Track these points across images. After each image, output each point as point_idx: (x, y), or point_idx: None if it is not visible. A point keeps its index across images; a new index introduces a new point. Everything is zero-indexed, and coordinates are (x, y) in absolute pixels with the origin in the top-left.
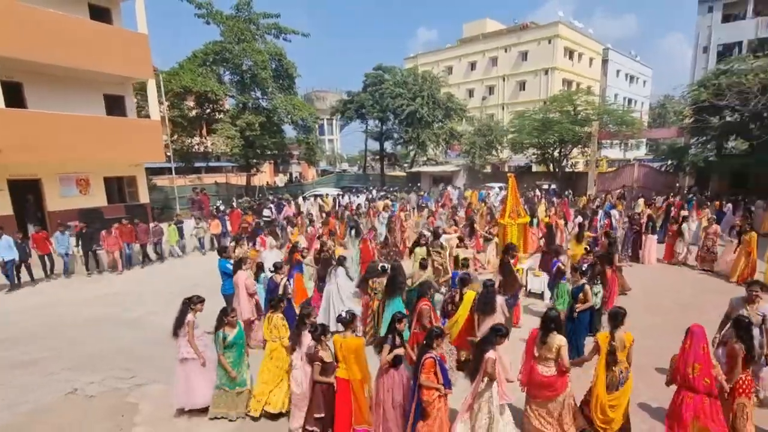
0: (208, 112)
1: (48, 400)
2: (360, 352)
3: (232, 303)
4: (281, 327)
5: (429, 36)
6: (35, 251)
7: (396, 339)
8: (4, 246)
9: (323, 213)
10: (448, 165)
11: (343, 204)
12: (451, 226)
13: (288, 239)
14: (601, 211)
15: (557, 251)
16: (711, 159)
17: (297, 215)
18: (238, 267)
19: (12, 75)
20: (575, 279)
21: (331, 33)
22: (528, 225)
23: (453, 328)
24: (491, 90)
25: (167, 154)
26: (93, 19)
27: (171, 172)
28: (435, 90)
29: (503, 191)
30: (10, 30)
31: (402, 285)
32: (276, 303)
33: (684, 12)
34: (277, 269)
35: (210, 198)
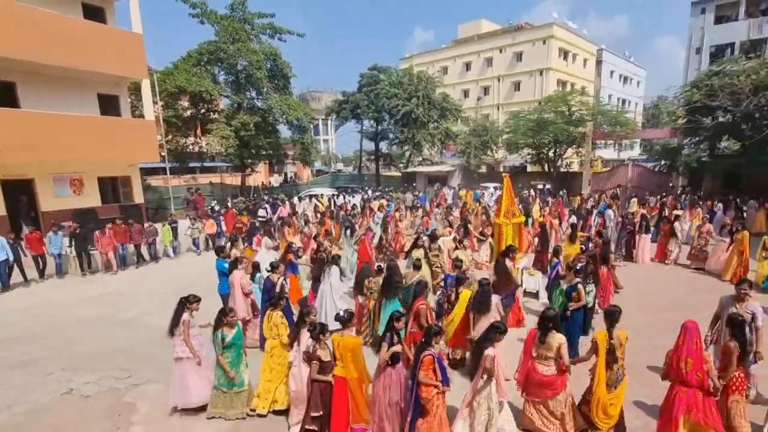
0: (202, 112)
1: (44, 400)
2: (357, 350)
3: (228, 302)
4: (281, 325)
5: (424, 36)
6: (29, 252)
7: (394, 337)
8: None
9: (318, 213)
10: (443, 165)
11: (339, 204)
12: (446, 227)
13: (284, 239)
14: (595, 211)
15: (557, 251)
16: (704, 159)
17: (292, 215)
18: (233, 267)
19: (5, 74)
20: (569, 278)
21: (327, 33)
22: (523, 225)
23: (449, 326)
24: (486, 90)
25: (162, 154)
26: (87, 19)
27: (165, 172)
28: (430, 90)
29: (498, 191)
30: (2, 29)
31: (398, 285)
32: (276, 301)
33: (677, 13)
34: (274, 269)
35: (205, 198)
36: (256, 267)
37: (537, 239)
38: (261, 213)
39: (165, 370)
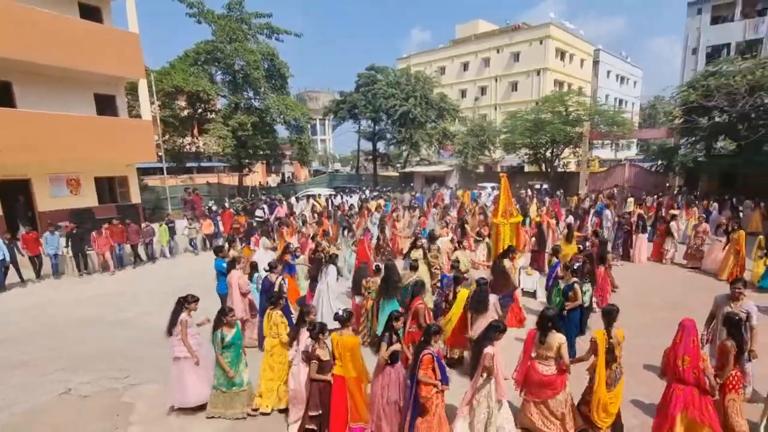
0: (199, 111)
1: (42, 400)
2: (356, 350)
3: (226, 302)
4: (280, 324)
5: (422, 36)
6: (25, 252)
7: (392, 337)
8: None
9: (315, 213)
10: (441, 165)
11: (336, 204)
12: (443, 227)
13: (282, 239)
14: (592, 211)
15: (556, 251)
16: (700, 159)
17: (290, 216)
18: (231, 266)
19: (1, 74)
20: (567, 278)
21: (324, 33)
22: (520, 224)
23: (447, 326)
24: (484, 90)
25: (158, 154)
26: (83, 19)
27: (162, 172)
28: (428, 90)
29: (495, 191)
30: None
31: (397, 285)
32: (276, 300)
33: (674, 14)
34: (272, 268)
35: (202, 198)
36: (254, 267)
37: (534, 239)
38: (258, 213)
39: (163, 370)
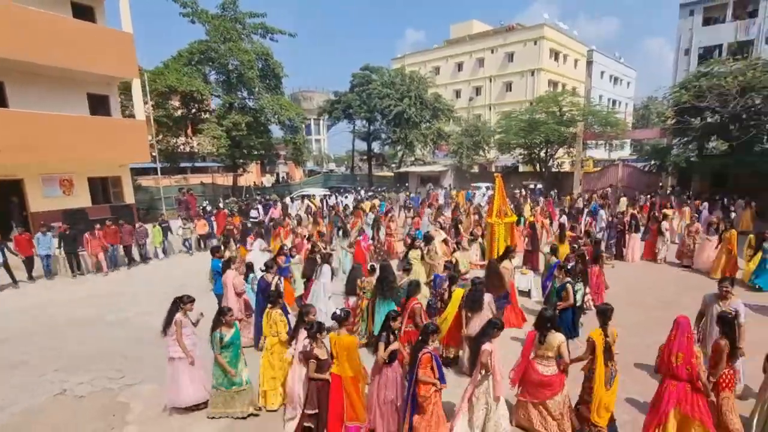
0: (193, 111)
1: (38, 401)
2: (352, 349)
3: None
4: (280, 322)
5: (416, 37)
6: (18, 254)
7: (390, 336)
8: None
9: (310, 214)
10: (435, 165)
11: (331, 204)
12: (436, 228)
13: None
14: (586, 211)
15: (554, 250)
16: (692, 159)
17: (284, 217)
18: (226, 267)
19: None
20: (561, 277)
21: (319, 33)
22: (515, 224)
23: (442, 325)
24: (478, 91)
25: (152, 154)
26: (76, 18)
27: (156, 172)
28: (422, 90)
29: (490, 191)
30: None
31: (392, 285)
32: (275, 299)
33: (666, 15)
34: (269, 268)
35: (197, 198)
36: (249, 267)
37: (527, 239)
38: (253, 214)
39: (159, 370)
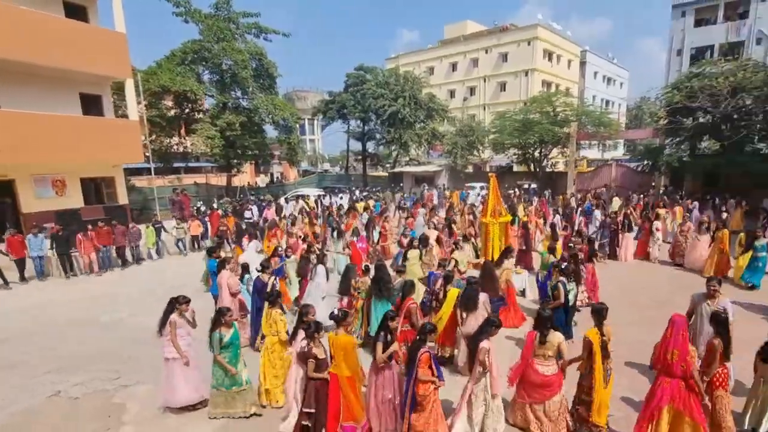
0: (187, 111)
1: (32, 403)
2: (350, 349)
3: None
4: (279, 321)
5: (410, 37)
6: (10, 255)
7: (387, 336)
8: None
9: (304, 214)
10: (430, 165)
11: (326, 204)
12: (430, 228)
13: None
14: (579, 210)
15: (553, 250)
16: (685, 159)
17: (279, 218)
18: (221, 267)
19: None
20: (555, 277)
21: (312, 33)
22: (510, 224)
23: (438, 324)
24: (472, 91)
25: (146, 154)
26: (68, 18)
27: (150, 172)
28: (417, 90)
29: (484, 191)
30: None
31: (388, 285)
32: (274, 299)
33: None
34: (265, 269)
35: (191, 199)
36: (245, 268)
37: (521, 239)
38: (247, 215)
39: (154, 370)
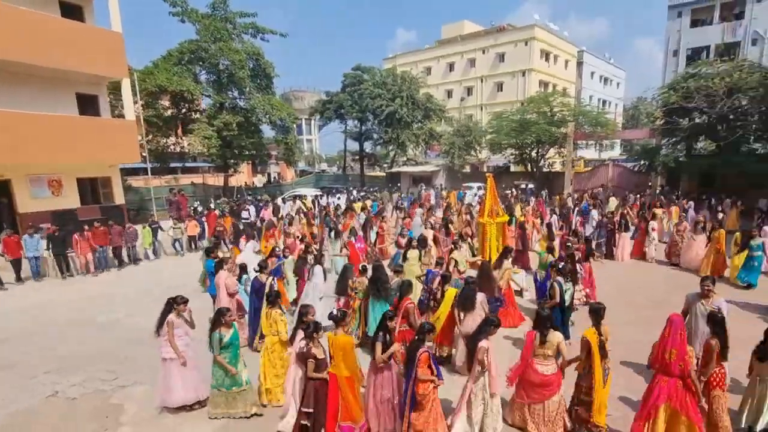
0: (183, 111)
1: (29, 403)
2: (348, 349)
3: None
4: (280, 322)
5: (407, 37)
6: (6, 256)
7: (386, 336)
8: None
9: (302, 214)
10: (427, 165)
11: (323, 205)
12: (427, 228)
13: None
14: (576, 209)
15: (551, 250)
16: (681, 159)
17: (277, 219)
18: (219, 267)
19: None
20: (553, 276)
21: (310, 33)
22: (507, 224)
23: (435, 324)
24: (470, 91)
25: (142, 154)
26: (64, 17)
27: (146, 172)
28: (414, 90)
29: (481, 191)
30: None
31: (386, 285)
32: (273, 299)
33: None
34: (263, 269)
35: (188, 199)
36: (243, 269)
37: (518, 239)
38: (244, 215)
39: (152, 371)
